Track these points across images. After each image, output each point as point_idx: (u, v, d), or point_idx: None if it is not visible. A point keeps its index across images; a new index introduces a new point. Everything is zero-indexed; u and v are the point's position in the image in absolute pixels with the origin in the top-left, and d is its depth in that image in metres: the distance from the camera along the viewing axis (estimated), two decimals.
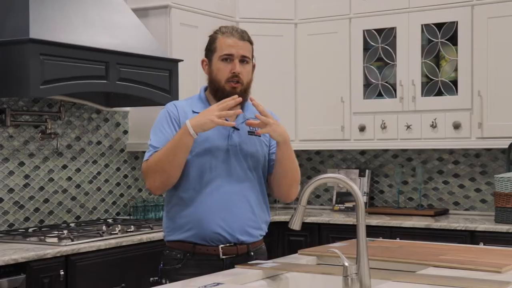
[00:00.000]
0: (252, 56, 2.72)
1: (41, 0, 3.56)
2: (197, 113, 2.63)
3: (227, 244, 2.62)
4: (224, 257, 2.62)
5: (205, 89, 2.75)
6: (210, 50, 2.70)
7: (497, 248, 3.01)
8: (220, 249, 2.61)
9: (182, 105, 2.70)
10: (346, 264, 2.07)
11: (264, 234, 2.75)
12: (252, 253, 2.68)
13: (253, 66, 2.73)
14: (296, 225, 2.23)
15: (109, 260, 3.51)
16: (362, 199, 2.12)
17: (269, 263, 2.56)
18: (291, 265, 2.54)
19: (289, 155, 2.67)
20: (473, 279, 2.22)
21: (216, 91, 2.67)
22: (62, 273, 3.26)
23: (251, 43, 2.71)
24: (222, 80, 2.64)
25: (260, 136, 2.69)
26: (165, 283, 2.59)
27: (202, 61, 2.73)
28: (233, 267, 2.54)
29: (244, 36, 2.69)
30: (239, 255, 2.64)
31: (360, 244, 2.10)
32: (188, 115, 2.64)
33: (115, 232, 3.70)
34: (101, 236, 3.58)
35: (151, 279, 3.59)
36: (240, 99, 2.56)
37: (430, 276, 2.28)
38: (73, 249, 3.33)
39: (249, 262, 2.58)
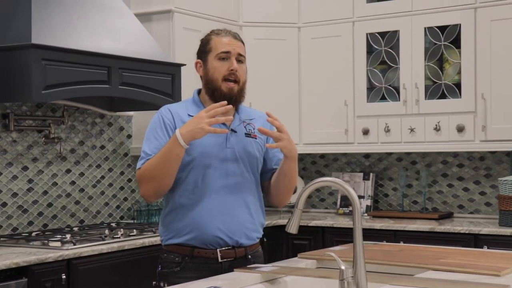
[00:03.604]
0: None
1: (43, 6, 3.58)
2: (192, 116, 2.64)
3: (226, 248, 2.62)
4: (222, 260, 2.61)
5: (198, 92, 2.75)
6: (204, 51, 2.70)
7: (498, 252, 3.00)
8: (218, 252, 2.61)
9: (176, 109, 2.69)
10: (343, 267, 2.07)
11: (261, 236, 2.75)
12: (250, 256, 2.68)
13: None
14: (293, 229, 2.22)
15: (111, 264, 3.52)
16: (358, 202, 2.12)
17: (268, 267, 2.56)
18: (290, 269, 2.54)
19: (294, 169, 2.68)
20: (471, 283, 2.22)
21: (213, 91, 2.66)
22: (64, 277, 3.27)
23: (243, 44, 2.73)
24: (219, 78, 2.64)
25: (256, 138, 2.70)
26: (164, 286, 2.60)
27: (196, 63, 2.73)
28: (232, 271, 2.54)
29: (237, 37, 2.72)
30: (237, 258, 2.64)
31: (356, 247, 2.10)
32: (183, 118, 2.64)
33: (118, 236, 3.71)
34: (103, 240, 3.59)
35: (153, 282, 3.59)
36: (230, 106, 2.54)
37: (428, 280, 2.28)
38: (75, 253, 3.34)
39: (248, 266, 2.58)
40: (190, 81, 4.36)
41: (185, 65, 4.21)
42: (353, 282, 2.07)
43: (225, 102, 2.54)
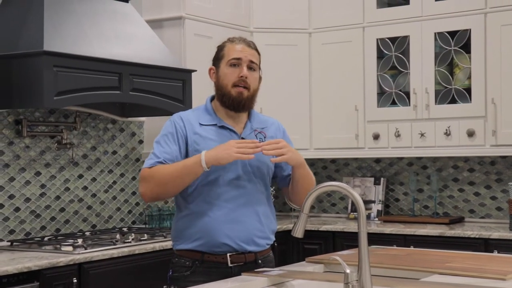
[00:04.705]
0: (259, 67, 2.75)
1: (55, 13, 3.63)
2: (204, 125, 2.67)
3: (235, 253, 2.65)
4: (232, 265, 2.64)
5: (211, 100, 2.79)
6: (217, 58, 2.73)
7: (506, 256, 3.00)
8: (228, 257, 2.64)
9: (189, 117, 2.71)
10: (347, 271, 2.08)
11: (271, 243, 2.77)
12: (260, 261, 2.70)
13: (260, 78, 2.76)
14: (298, 233, 2.25)
15: (122, 268, 3.56)
16: (363, 206, 2.13)
17: (276, 271, 2.58)
18: (297, 273, 2.56)
19: (305, 174, 2.71)
20: (476, 286, 2.23)
21: (222, 96, 2.69)
22: (75, 281, 3.31)
23: (258, 53, 2.75)
24: (229, 84, 2.67)
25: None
26: None
27: (210, 70, 2.77)
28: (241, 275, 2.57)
29: (251, 45, 2.73)
30: (247, 263, 2.66)
31: (361, 251, 2.11)
32: (195, 127, 2.67)
33: (128, 241, 3.75)
34: (114, 244, 3.62)
35: (164, 286, 3.62)
36: (260, 149, 2.56)
37: (433, 284, 2.29)
38: (86, 257, 3.38)
39: (255, 270, 2.60)
40: (201, 87, 4.41)
41: (196, 71, 4.25)
42: (358, 285, 2.08)
43: (257, 141, 2.59)
